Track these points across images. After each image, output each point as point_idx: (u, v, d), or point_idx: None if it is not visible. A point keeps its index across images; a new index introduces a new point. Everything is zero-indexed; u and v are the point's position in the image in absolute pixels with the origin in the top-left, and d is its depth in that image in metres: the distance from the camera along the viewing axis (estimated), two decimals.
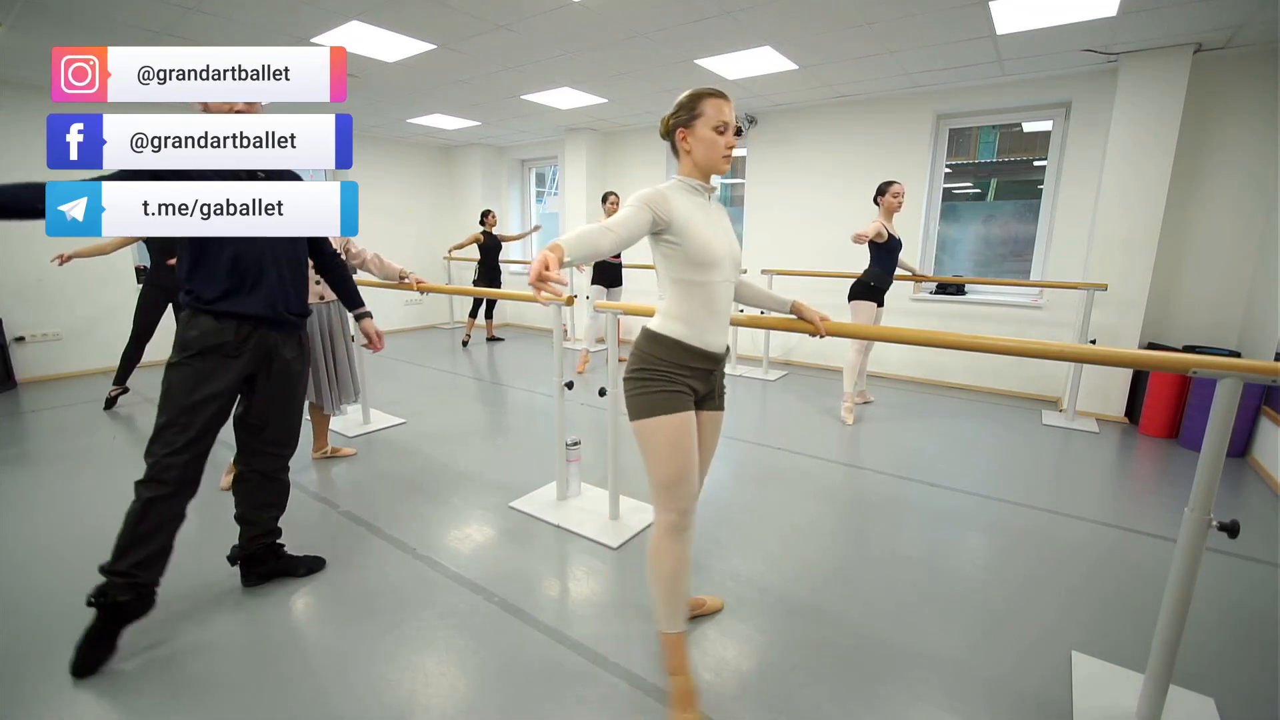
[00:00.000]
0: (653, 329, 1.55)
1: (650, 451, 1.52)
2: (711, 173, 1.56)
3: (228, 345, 1.78)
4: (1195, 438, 3.66)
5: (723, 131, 1.49)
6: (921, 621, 1.98)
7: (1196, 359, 1.35)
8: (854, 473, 3.27)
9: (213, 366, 1.77)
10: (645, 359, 1.53)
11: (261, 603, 2.05)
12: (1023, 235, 5.08)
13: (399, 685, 1.67)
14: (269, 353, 1.88)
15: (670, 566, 1.55)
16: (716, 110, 1.48)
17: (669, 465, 1.51)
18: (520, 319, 8.39)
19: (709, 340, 1.54)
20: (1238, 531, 1.31)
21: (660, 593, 1.58)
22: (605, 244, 1.32)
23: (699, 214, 1.50)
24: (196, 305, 1.76)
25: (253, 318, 1.81)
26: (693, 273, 1.50)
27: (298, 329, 1.98)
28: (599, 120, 6.37)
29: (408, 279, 3.04)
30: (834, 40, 3.78)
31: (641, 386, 1.52)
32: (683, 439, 1.50)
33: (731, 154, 1.53)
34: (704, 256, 1.48)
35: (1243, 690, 1.68)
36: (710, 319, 1.54)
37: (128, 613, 1.75)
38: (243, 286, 1.78)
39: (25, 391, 4.76)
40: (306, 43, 3.85)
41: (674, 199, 1.47)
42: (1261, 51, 3.76)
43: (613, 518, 2.63)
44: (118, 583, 1.71)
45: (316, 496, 2.89)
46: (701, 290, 1.51)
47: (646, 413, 1.50)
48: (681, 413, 1.51)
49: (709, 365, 1.57)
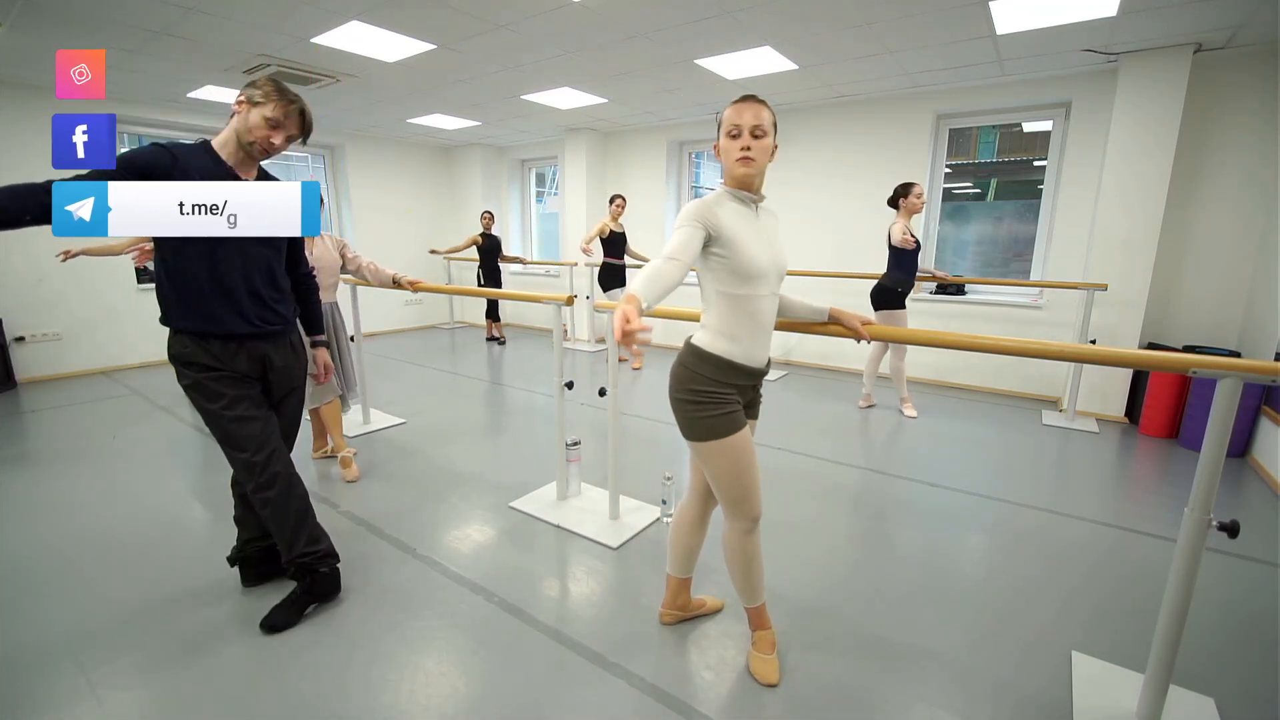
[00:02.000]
0: (701, 346, 1.56)
1: (716, 471, 1.58)
2: (742, 181, 1.52)
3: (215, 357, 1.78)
4: (1195, 438, 3.66)
5: (735, 135, 1.48)
6: (921, 621, 1.98)
7: (1196, 359, 1.35)
8: (854, 473, 3.27)
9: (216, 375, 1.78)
10: (696, 379, 1.54)
11: (261, 602, 2.04)
12: (1023, 235, 5.08)
13: (399, 685, 1.67)
14: (261, 361, 1.87)
15: (746, 559, 1.67)
16: (730, 115, 1.49)
17: (737, 482, 1.58)
18: (520, 319, 8.39)
19: (755, 356, 1.56)
20: (1238, 531, 1.31)
21: (739, 579, 1.71)
22: (675, 275, 1.34)
23: (745, 225, 1.50)
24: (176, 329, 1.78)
25: (236, 336, 1.80)
26: (738, 286, 1.50)
27: (284, 336, 1.94)
28: (599, 120, 6.37)
29: (400, 281, 3.01)
30: (834, 40, 3.78)
31: (697, 409, 1.54)
32: (745, 456, 1.57)
33: (749, 157, 1.48)
34: (750, 269, 1.48)
35: (1243, 690, 1.68)
36: (756, 334, 1.55)
37: (325, 585, 1.99)
38: (214, 314, 1.74)
39: (25, 391, 4.76)
40: (306, 43, 3.85)
41: (720, 209, 1.47)
42: (1261, 51, 3.76)
43: (613, 518, 2.62)
44: (304, 564, 1.93)
45: (316, 496, 2.89)
46: (747, 304, 1.51)
47: (708, 435, 1.54)
48: (740, 431, 1.55)
49: (753, 380, 1.61)
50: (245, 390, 1.83)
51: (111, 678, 1.69)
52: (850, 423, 4.16)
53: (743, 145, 1.48)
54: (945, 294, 5.22)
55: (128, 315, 5.55)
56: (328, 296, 3.09)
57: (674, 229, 1.46)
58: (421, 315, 8.34)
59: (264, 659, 1.78)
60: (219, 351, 1.77)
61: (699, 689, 1.67)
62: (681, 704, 1.62)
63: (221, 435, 1.81)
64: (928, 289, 5.30)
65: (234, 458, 1.84)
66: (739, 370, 1.54)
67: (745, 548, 1.65)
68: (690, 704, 1.62)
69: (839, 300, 1.93)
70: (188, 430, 3.86)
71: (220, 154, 1.73)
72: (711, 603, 2.01)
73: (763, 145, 1.48)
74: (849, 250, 5.44)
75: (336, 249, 3.11)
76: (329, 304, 3.12)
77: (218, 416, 1.79)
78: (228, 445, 1.83)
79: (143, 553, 2.35)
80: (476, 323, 8.39)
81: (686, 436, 1.59)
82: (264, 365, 1.88)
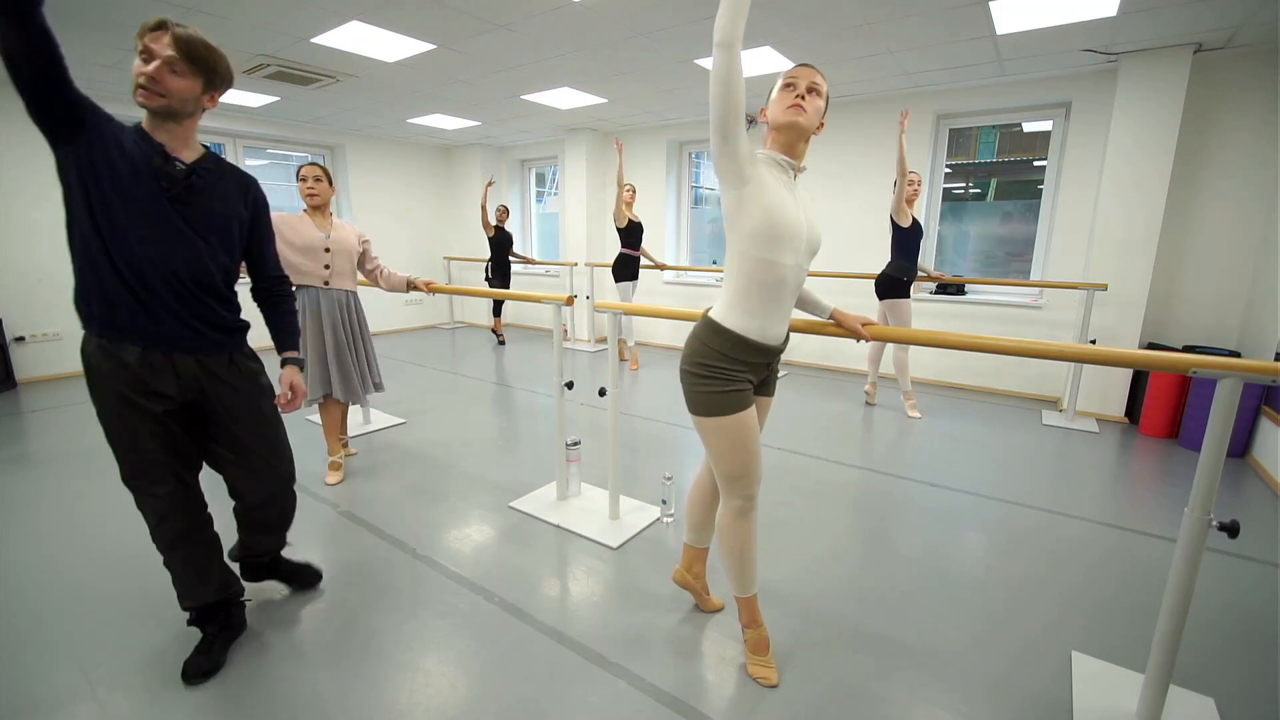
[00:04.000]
0: (715, 319, 1.54)
1: (714, 447, 1.57)
2: (790, 135, 1.48)
3: (130, 368, 1.50)
4: (1195, 438, 3.67)
5: (791, 87, 1.47)
6: (921, 621, 1.98)
7: (1196, 359, 1.35)
8: (854, 472, 3.27)
9: (123, 394, 1.51)
10: (706, 353, 1.53)
11: (261, 602, 2.05)
12: (1023, 235, 5.08)
13: (399, 685, 1.67)
14: (196, 377, 1.59)
15: (739, 543, 1.66)
16: (789, 73, 1.49)
17: (733, 461, 1.56)
18: (520, 319, 8.39)
19: (771, 333, 1.53)
20: (1238, 531, 1.31)
21: (731, 565, 1.69)
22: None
23: (780, 185, 1.48)
24: (89, 329, 1.52)
25: (157, 342, 1.52)
26: (764, 248, 1.45)
27: (223, 347, 1.65)
28: (599, 120, 6.37)
29: (417, 284, 2.96)
30: (834, 40, 3.78)
31: (703, 383, 1.53)
32: (746, 436, 1.55)
33: (801, 105, 1.45)
34: (779, 224, 1.44)
35: (1243, 690, 1.68)
36: (774, 308, 1.51)
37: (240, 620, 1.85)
38: (118, 315, 1.48)
39: (25, 391, 4.76)
40: (306, 43, 3.85)
41: (760, 163, 1.47)
42: (1261, 51, 3.76)
43: (613, 518, 2.63)
44: (194, 618, 1.77)
45: (316, 496, 2.89)
46: (770, 272, 1.47)
47: (711, 411, 1.53)
48: (744, 410, 1.54)
49: (768, 359, 1.59)
50: (153, 410, 1.54)
51: (111, 678, 1.69)
52: (850, 422, 4.16)
53: (797, 94, 1.46)
54: (945, 294, 5.22)
55: None
56: (346, 284, 3.00)
57: None
58: (422, 315, 8.34)
59: (264, 658, 1.78)
60: (135, 359, 1.49)
61: (699, 689, 1.67)
62: (681, 704, 1.62)
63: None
64: (928, 289, 5.30)
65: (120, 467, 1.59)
66: (753, 347, 1.52)
67: (739, 530, 1.64)
68: (690, 704, 1.62)
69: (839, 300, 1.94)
70: None
71: (146, 130, 1.50)
72: (713, 599, 2.02)
73: (815, 105, 1.47)
74: (849, 250, 5.44)
75: (358, 239, 3.01)
76: (348, 292, 3.01)
77: (113, 428, 1.54)
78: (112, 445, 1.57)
79: (143, 552, 2.34)
80: (477, 323, 8.40)
81: (690, 410, 1.58)
82: (199, 382, 1.60)
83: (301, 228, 2.84)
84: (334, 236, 2.90)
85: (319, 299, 2.91)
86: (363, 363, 3.09)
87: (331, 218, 2.97)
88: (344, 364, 2.98)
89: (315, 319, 2.91)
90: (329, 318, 2.93)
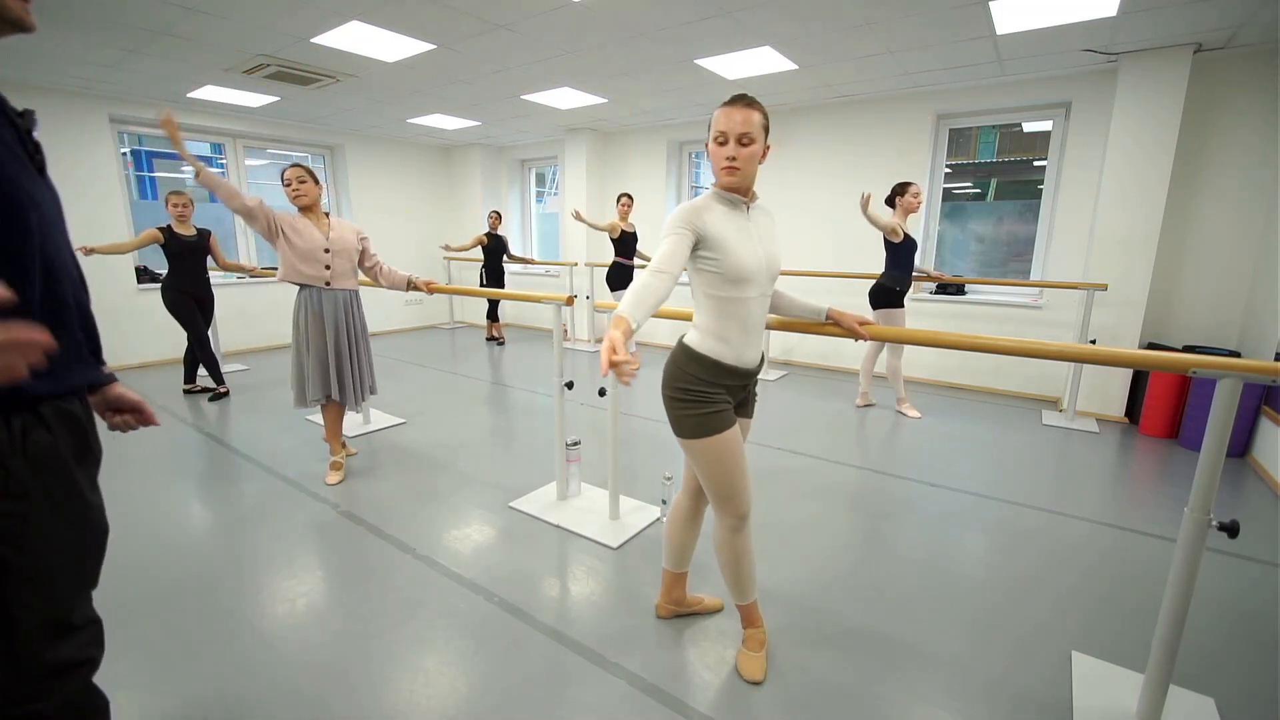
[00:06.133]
0: (691, 346, 1.57)
1: (703, 469, 1.60)
2: (729, 187, 1.50)
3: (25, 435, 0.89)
4: (1195, 438, 3.67)
5: (722, 143, 1.46)
6: (921, 621, 1.98)
7: (1196, 359, 1.35)
8: (854, 472, 3.27)
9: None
10: (685, 378, 1.56)
11: (262, 602, 2.05)
12: (1023, 235, 5.08)
13: (399, 685, 1.68)
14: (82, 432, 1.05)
15: (735, 556, 1.69)
16: (718, 120, 1.46)
17: (723, 481, 1.59)
18: (520, 319, 8.39)
19: (745, 357, 1.57)
20: (1237, 531, 1.31)
21: (729, 575, 1.72)
22: (663, 289, 1.36)
23: (733, 228, 1.49)
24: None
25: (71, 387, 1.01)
26: (726, 289, 1.51)
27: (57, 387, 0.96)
28: (599, 120, 6.37)
29: (416, 284, 2.96)
30: (834, 40, 3.78)
31: (685, 407, 1.56)
32: (732, 454, 1.58)
33: (734, 166, 1.45)
34: (738, 273, 1.48)
35: (1243, 690, 1.68)
36: (745, 335, 1.56)
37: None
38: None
39: None
40: (306, 43, 3.85)
41: (708, 212, 1.48)
42: (1261, 51, 3.76)
43: (613, 518, 2.63)
44: None
45: (316, 496, 2.89)
46: (735, 307, 1.52)
47: (696, 433, 1.56)
48: (727, 430, 1.56)
49: (744, 381, 1.62)
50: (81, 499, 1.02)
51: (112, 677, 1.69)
52: (850, 422, 4.16)
53: (728, 155, 1.45)
54: (945, 294, 5.22)
55: (128, 315, 5.54)
56: (348, 284, 2.98)
57: (662, 236, 1.46)
58: (422, 315, 8.34)
59: (264, 659, 1.78)
60: (51, 415, 0.93)
61: (698, 688, 1.67)
62: (680, 703, 1.62)
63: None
64: (927, 289, 5.30)
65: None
66: (728, 371, 1.56)
67: (734, 544, 1.67)
68: (689, 703, 1.62)
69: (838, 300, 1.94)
70: (188, 430, 3.86)
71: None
72: (710, 601, 2.02)
73: (749, 153, 1.45)
74: (848, 250, 5.45)
75: (356, 237, 2.98)
76: (349, 291, 3.00)
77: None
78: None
79: (143, 552, 2.35)
80: (476, 323, 8.39)
81: (676, 433, 1.61)
82: (85, 439, 1.05)
83: (305, 230, 2.83)
84: (333, 237, 2.90)
85: (320, 300, 2.90)
86: (360, 367, 3.09)
87: (328, 217, 2.96)
88: (343, 368, 2.98)
89: (317, 320, 2.90)
90: (331, 319, 2.92)
